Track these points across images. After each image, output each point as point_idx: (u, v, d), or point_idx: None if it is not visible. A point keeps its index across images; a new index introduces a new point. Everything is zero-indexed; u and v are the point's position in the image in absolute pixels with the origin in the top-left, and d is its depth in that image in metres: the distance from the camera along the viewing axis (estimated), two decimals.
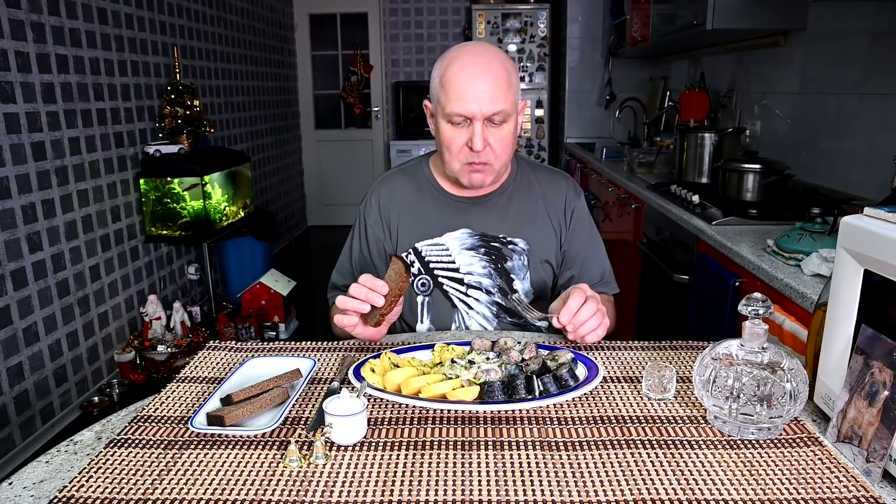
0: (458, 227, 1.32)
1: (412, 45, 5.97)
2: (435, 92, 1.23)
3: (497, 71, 1.18)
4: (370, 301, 1.01)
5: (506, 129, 1.20)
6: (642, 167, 3.11)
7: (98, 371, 2.81)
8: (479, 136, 1.17)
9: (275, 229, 4.16)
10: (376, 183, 1.41)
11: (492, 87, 1.16)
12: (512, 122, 1.21)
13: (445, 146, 1.23)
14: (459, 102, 1.16)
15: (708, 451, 0.76)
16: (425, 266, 1.33)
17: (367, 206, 1.39)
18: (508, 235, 1.32)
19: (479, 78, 1.16)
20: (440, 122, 1.22)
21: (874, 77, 1.97)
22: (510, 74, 1.20)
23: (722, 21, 2.35)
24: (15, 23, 2.29)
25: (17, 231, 2.31)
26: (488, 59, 1.19)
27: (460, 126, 1.19)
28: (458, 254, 1.32)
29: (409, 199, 1.36)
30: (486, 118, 1.17)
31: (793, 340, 1.29)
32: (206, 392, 0.94)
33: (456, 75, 1.17)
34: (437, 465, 0.75)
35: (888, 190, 1.56)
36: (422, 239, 1.33)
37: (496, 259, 1.32)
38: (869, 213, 0.78)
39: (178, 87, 3.29)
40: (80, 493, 0.70)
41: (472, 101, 1.15)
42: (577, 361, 0.97)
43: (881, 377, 0.71)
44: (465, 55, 1.20)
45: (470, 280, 1.32)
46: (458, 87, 1.16)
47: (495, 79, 1.17)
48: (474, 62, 1.18)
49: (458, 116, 1.18)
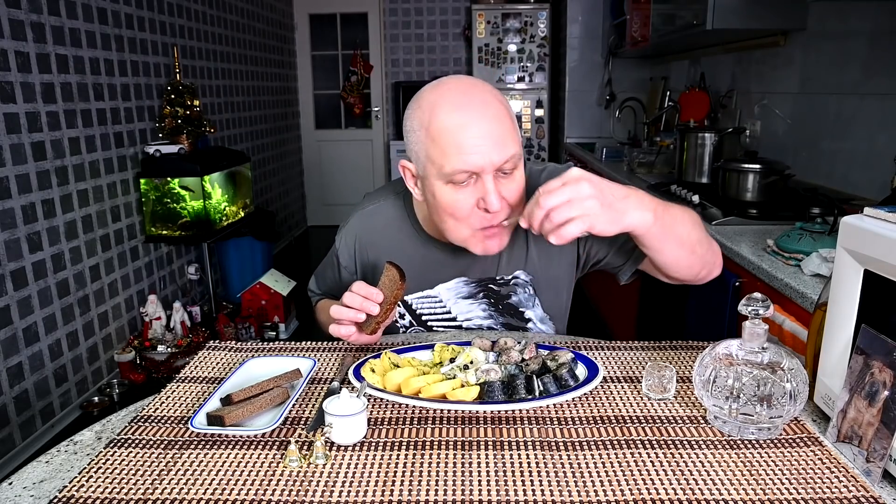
0: (452, 277, 1.16)
1: (412, 45, 5.97)
2: (421, 148, 0.97)
3: (496, 107, 0.95)
4: (365, 310, 0.96)
5: (518, 177, 0.98)
6: (642, 167, 3.12)
7: (98, 371, 2.81)
8: (495, 194, 0.94)
9: (275, 229, 4.17)
10: (351, 222, 1.21)
11: (497, 129, 0.93)
12: (521, 165, 1.00)
13: (448, 213, 0.98)
14: (461, 157, 0.92)
15: (708, 451, 0.76)
16: (417, 318, 1.20)
17: (342, 246, 1.22)
18: (505, 274, 1.16)
19: (478, 121, 0.93)
20: (435, 185, 0.97)
21: (874, 77, 1.97)
22: (509, 109, 0.98)
23: (722, 21, 2.36)
24: (15, 23, 2.29)
25: (17, 231, 2.31)
26: (480, 94, 0.95)
27: (464, 186, 0.95)
28: (453, 304, 1.18)
29: (392, 246, 1.16)
30: (497, 168, 0.94)
31: (793, 340, 1.29)
32: (206, 392, 0.94)
33: (447, 122, 0.93)
34: (437, 465, 0.74)
35: (888, 190, 1.56)
36: (411, 292, 1.18)
37: (496, 300, 1.17)
38: (869, 213, 0.78)
39: (178, 87, 3.29)
40: (80, 493, 0.70)
41: (478, 153, 0.92)
42: (577, 361, 0.96)
43: (881, 377, 0.71)
44: (449, 94, 0.95)
45: (469, 326, 1.19)
46: (456, 138, 0.92)
47: (498, 118, 0.94)
48: (467, 102, 0.94)
49: (462, 174, 0.94)
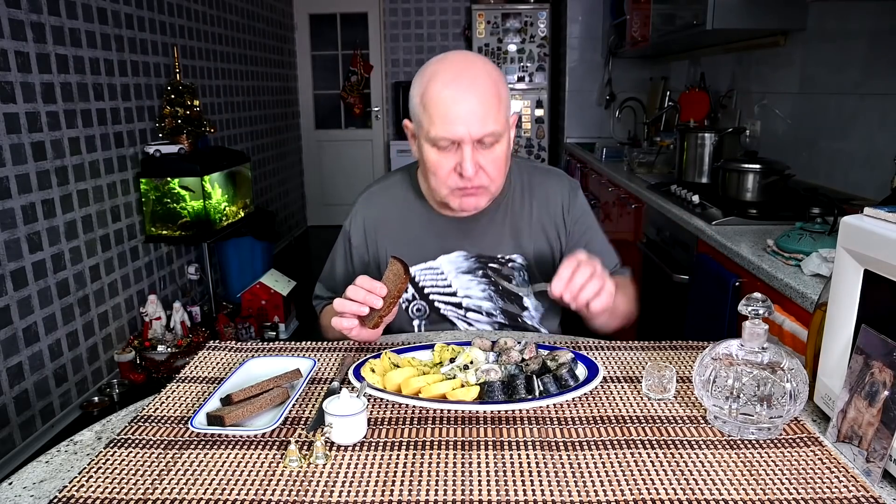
0: (453, 249, 1.24)
1: (412, 45, 5.97)
2: (415, 111, 1.11)
3: (484, 86, 1.06)
4: (369, 303, 0.98)
5: (498, 150, 1.10)
6: (642, 167, 3.11)
7: (98, 371, 2.81)
8: (470, 161, 1.06)
9: (275, 229, 4.17)
10: (362, 199, 1.31)
11: (480, 107, 1.05)
12: (504, 142, 1.11)
13: (431, 171, 1.11)
14: (444, 125, 1.05)
15: (708, 451, 0.76)
16: (420, 291, 1.26)
17: (351, 225, 1.29)
18: (506, 254, 1.24)
19: (464, 97, 1.04)
20: (423, 145, 1.11)
21: (874, 77, 1.97)
22: (499, 88, 1.09)
23: (722, 21, 2.36)
24: (15, 23, 2.29)
25: (17, 231, 2.31)
26: (474, 73, 1.07)
27: (447, 150, 1.08)
28: (454, 277, 1.24)
29: (398, 219, 1.26)
30: (476, 140, 1.06)
31: (793, 340, 1.29)
32: (206, 392, 0.94)
33: (438, 94, 1.05)
34: (437, 465, 0.74)
35: (888, 190, 1.56)
36: (414, 263, 1.24)
37: (496, 281, 1.25)
38: (869, 213, 0.78)
39: (178, 87, 3.29)
40: (80, 493, 0.70)
41: (459, 124, 1.04)
42: (577, 361, 0.97)
43: (881, 377, 0.71)
44: (447, 70, 1.07)
45: (469, 304, 1.26)
46: (441, 108, 1.05)
47: (483, 97, 1.05)
48: (458, 78, 1.06)
49: (443, 140, 1.06)
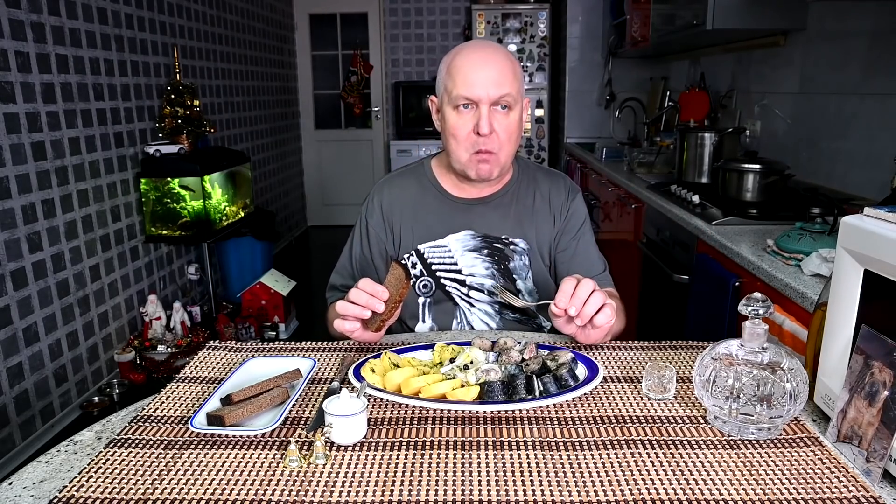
0: (461, 228, 1.33)
1: (412, 45, 5.97)
2: (441, 82, 1.26)
3: (502, 60, 1.22)
4: (371, 307, 1.00)
5: (512, 117, 1.23)
6: (642, 167, 3.11)
7: (98, 371, 2.81)
8: (486, 119, 1.19)
9: (275, 229, 4.16)
10: (378, 184, 1.42)
11: (498, 74, 1.20)
12: (517, 111, 1.24)
13: (451, 133, 1.24)
14: (466, 86, 1.19)
15: (708, 451, 0.76)
16: (427, 268, 1.33)
17: (369, 207, 1.39)
18: (510, 236, 1.33)
19: (485, 64, 1.20)
20: (446, 110, 1.24)
21: (874, 77, 1.97)
22: (515, 66, 1.24)
23: (722, 21, 2.36)
24: (15, 23, 2.29)
25: (17, 231, 2.31)
26: (494, 49, 1.25)
27: (467, 111, 1.22)
28: (460, 255, 1.33)
29: (412, 200, 1.36)
30: (493, 102, 1.20)
31: (793, 340, 1.29)
32: (206, 392, 0.94)
33: (463, 62, 1.22)
34: (437, 465, 0.74)
35: (888, 190, 1.56)
36: (424, 241, 1.33)
37: (499, 260, 1.32)
38: (869, 213, 0.78)
39: (178, 87, 3.29)
40: (80, 493, 0.70)
41: (479, 85, 1.19)
42: (577, 361, 0.97)
43: (881, 377, 0.71)
44: (471, 47, 1.26)
45: (472, 282, 1.32)
46: (464, 72, 1.20)
47: (501, 66, 1.21)
48: (481, 51, 1.24)
49: (464, 100, 1.20)
